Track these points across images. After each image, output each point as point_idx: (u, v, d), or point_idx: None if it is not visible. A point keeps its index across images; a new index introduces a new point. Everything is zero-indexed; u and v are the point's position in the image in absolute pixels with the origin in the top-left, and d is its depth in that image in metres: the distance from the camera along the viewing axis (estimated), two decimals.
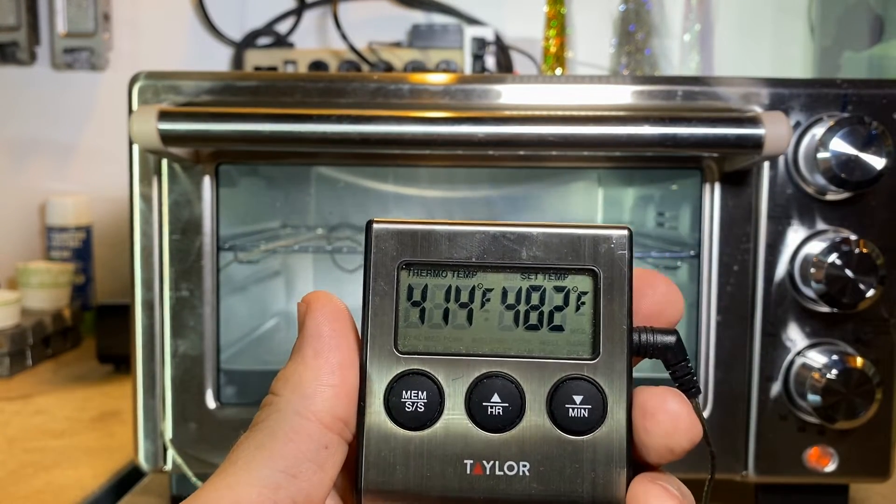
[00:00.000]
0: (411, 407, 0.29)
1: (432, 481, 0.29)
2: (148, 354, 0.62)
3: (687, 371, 0.30)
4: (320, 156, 0.64)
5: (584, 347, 0.29)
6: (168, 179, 0.61)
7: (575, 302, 0.30)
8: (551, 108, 0.60)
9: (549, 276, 0.30)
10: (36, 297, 1.10)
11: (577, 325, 0.30)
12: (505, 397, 0.29)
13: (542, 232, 0.30)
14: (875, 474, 0.61)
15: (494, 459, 0.29)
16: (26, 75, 1.28)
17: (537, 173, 0.89)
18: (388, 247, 0.30)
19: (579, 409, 0.29)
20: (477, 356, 0.29)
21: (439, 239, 0.30)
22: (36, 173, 1.29)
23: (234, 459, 0.28)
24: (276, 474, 0.27)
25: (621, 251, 0.30)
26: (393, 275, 0.30)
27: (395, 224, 0.30)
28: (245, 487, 0.27)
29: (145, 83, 0.60)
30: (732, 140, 0.55)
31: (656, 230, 0.84)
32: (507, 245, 0.30)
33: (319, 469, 0.28)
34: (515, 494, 0.29)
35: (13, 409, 0.86)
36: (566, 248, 0.30)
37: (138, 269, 0.61)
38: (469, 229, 0.30)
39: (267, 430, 0.28)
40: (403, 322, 0.30)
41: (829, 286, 0.57)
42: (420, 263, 0.30)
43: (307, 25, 1.28)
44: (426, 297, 0.30)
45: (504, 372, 0.29)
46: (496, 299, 0.30)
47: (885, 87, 0.60)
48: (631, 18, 1.20)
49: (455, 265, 0.30)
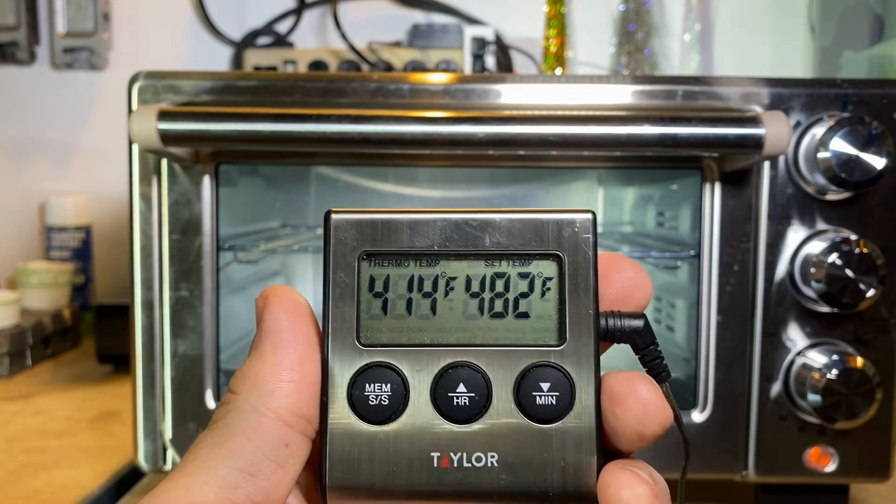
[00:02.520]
0: (375, 400, 0.28)
1: (399, 476, 0.28)
2: (147, 354, 0.62)
3: (656, 355, 0.30)
4: (320, 155, 0.64)
5: (551, 334, 0.29)
6: (168, 179, 0.61)
7: (540, 288, 0.29)
8: (551, 108, 0.60)
9: (513, 262, 0.29)
10: (35, 297, 1.10)
11: (543, 312, 0.29)
12: (471, 387, 0.28)
13: (505, 218, 0.29)
14: (875, 474, 0.61)
15: (462, 451, 0.28)
16: (26, 75, 1.27)
17: (537, 173, 0.89)
18: (347, 237, 0.29)
19: (547, 397, 0.28)
20: (442, 346, 0.29)
21: (400, 228, 0.29)
22: (35, 173, 1.29)
23: (191, 458, 0.27)
24: (233, 473, 0.27)
25: (585, 235, 0.29)
26: (353, 266, 0.29)
27: (355, 214, 0.29)
28: (202, 487, 0.26)
29: (145, 83, 0.60)
30: (732, 140, 0.55)
31: (656, 230, 0.84)
32: (470, 232, 0.29)
33: (279, 468, 0.27)
34: (484, 486, 0.28)
35: (13, 409, 0.86)
36: (530, 233, 0.29)
37: (138, 269, 0.61)
38: (430, 217, 0.29)
39: (225, 429, 0.28)
40: (365, 314, 0.29)
41: (830, 286, 0.57)
42: (381, 253, 0.29)
43: (307, 25, 1.28)
44: (388, 288, 0.29)
45: (470, 361, 0.29)
46: (460, 288, 0.29)
47: (886, 87, 0.60)
48: (631, 18, 1.20)
49: (417, 254, 0.29)
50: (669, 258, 0.74)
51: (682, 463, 0.34)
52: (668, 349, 0.76)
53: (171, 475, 0.27)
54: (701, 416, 0.61)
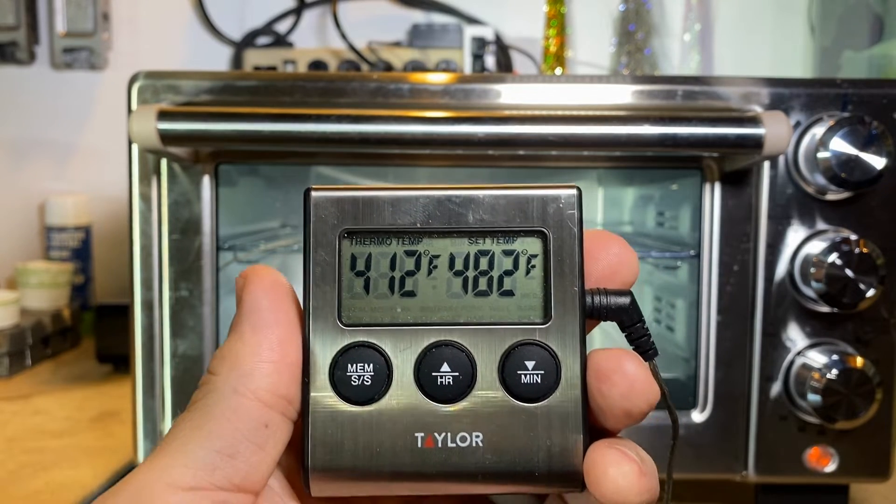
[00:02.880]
0: (358, 381, 0.28)
1: (382, 457, 0.28)
2: (147, 354, 0.62)
3: (643, 332, 0.29)
4: (320, 156, 0.64)
5: (536, 312, 0.29)
6: (167, 179, 0.61)
7: (525, 265, 0.29)
8: (551, 108, 0.60)
9: (497, 239, 0.29)
10: (35, 297, 1.10)
11: (528, 289, 0.29)
12: (455, 366, 0.28)
13: (489, 194, 0.29)
14: (875, 474, 0.61)
15: (446, 431, 0.28)
16: (25, 75, 1.27)
17: (537, 173, 0.89)
18: (327, 215, 0.28)
19: (532, 376, 0.28)
20: (425, 325, 0.28)
21: (382, 205, 0.28)
22: (35, 173, 1.29)
23: (169, 440, 0.27)
24: (211, 455, 0.26)
25: (570, 211, 0.29)
26: (334, 244, 0.28)
27: (335, 191, 0.29)
28: (180, 469, 0.26)
29: (144, 83, 0.60)
30: (732, 140, 0.55)
31: (656, 230, 0.84)
32: (453, 209, 0.29)
33: (259, 449, 0.27)
34: (469, 467, 0.28)
35: (12, 409, 0.86)
36: (514, 209, 0.29)
37: (138, 269, 0.61)
38: (413, 194, 0.29)
39: (203, 410, 0.27)
40: (347, 293, 0.28)
41: (830, 286, 0.57)
42: (362, 231, 0.29)
43: (307, 25, 1.28)
44: (370, 267, 0.29)
45: (454, 340, 0.28)
46: (443, 266, 0.29)
47: (886, 87, 0.60)
48: (631, 18, 1.20)
49: (399, 231, 0.29)
50: (669, 258, 0.74)
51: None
52: (668, 349, 0.76)
53: (149, 457, 0.27)
54: (701, 416, 0.61)
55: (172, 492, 0.26)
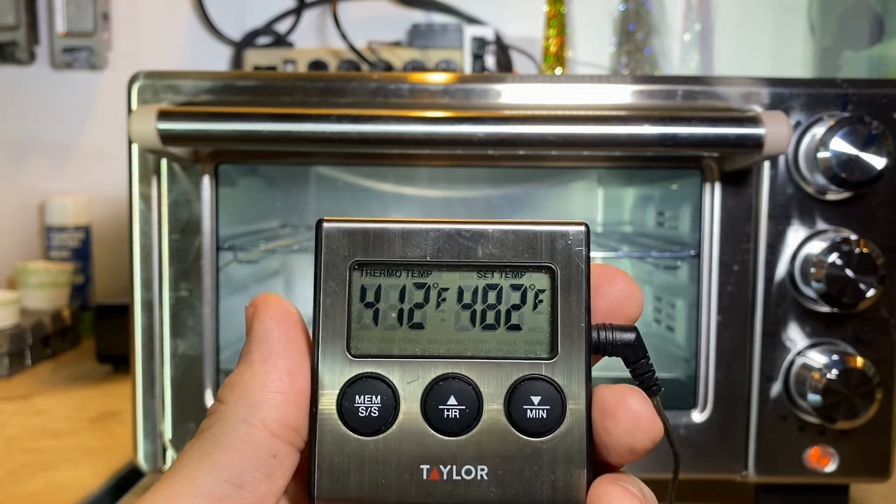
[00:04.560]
0: (365, 411, 0.28)
1: (388, 488, 0.28)
2: (147, 354, 0.62)
3: (647, 368, 0.30)
4: (319, 155, 0.64)
5: (542, 346, 0.29)
6: (167, 179, 0.61)
7: (532, 300, 0.29)
8: (551, 108, 0.60)
9: (505, 274, 0.29)
10: (35, 297, 1.10)
11: (535, 324, 0.29)
12: (462, 399, 0.28)
13: (498, 229, 0.29)
14: (875, 474, 0.61)
15: (452, 464, 0.28)
16: (25, 75, 1.27)
17: (537, 173, 0.89)
18: (339, 246, 0.29)
19: (537, 410, 0.28)
20: (433, 358, 0.29)
21: (392, 238, 0.29)
22: (35, 173, 1.29)
23: (177, 469, 0.27)
24: (220, 484, 0.26)
25: (578, 247, 0.29)
26: (344, 275, 0.29)
27: (347, 223, 0.29)
28: (188, 498, 0.26)
29: (144, 83, 0.60)
30: (732, 140, 0.55)
31: (656, 230, 0.84)
32: (463, 243, 0.29)
33: (267, 479, 0.27)
34: (474, 499, 0.28)
35: (12, 410, 0.86)
36: (523, 245, 0.29)
37: (137, 269, 0.61)
38: (423, 227, 0.29)
39: (211, 439, 0.27)
40: (356, 324, 0.29)
41: (830, 286, 0.57)
42: (373, 263, 0.29)
43: (307, 25, 1.28)
44: (379, 298, 0.29)
45: (460, 373, 0.28)
46: (452, 299, 0.29)
47: (886, 87, 0.60)
48: (631, 18, 1.20)
49: (409, 264, 0.29)
50: (669, 258, 0.74)
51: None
52: (668, 349, 0.76)
53: (156, 485, 0.27)
54: (701, 416, 0.61)
55: None
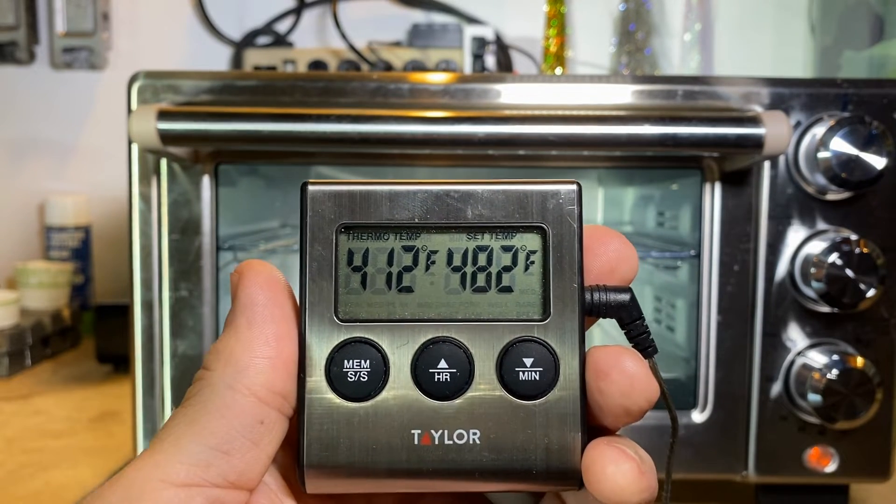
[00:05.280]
0: (354, 377, 0.27)
1: (379, 454, 0.27)
2: (147, 354, 0.62)
3: (643, 330, 0.29)
4: (319, 155, 0.64)
5: (534, 308, 0.28)
6: (167, 179, 0.61)
7: (524, 261, 0.28)
8: (551, 108, 0.59)
9: (495, 235, 0.28)
10: (35, 297, 1.10)
11: (527, 286, 0.28)
12: (453, 363, 0.28)
13: (488, 189, 0.28)
14: (875, 474, 0.61)
15: (443, 428, 0.28)
16: (25, 75, 1.27)
17: (537, 173, 0.89)
18: (324, 209, 0.28)
19: (530, 373, 0.28)
20: (422, 321, 0.28)
21: (379, 200, 0.28)
22: (35, 173, 1.29)
23: (163, 436, 0.27)
24: (206, 451, 0.26)
25: (570, 206, 0.28)
26: (331, 239, 0.28)
27: (332, 185, 0.28)
28: (173, 465, 0.26)
29: (144, 83, 0.60)
30: (733, 140, 0.55)
31: (656, 230, 0.84)
32: (452, 204, 0.28)
33: (254, 445, 0.27)
34: (466, 464, 0.28)
35: (12, 410, 0.86)
36: (513, 205, 0.28)
37: (137, 269, 0.61)
38: (411, 188, 0.28)
39: (198, 405, 0.27)
40: (344, 288, 0.28)
41: (830, 286, 0.57)
42: (360, 226, 0.28)
43: (306, 25, 1.28)
44: (367, 262, 0.28)
45: (451, 337, 0.28)
46: (441, 261, 0.28)
47: (886, 87, 0.60)
48: (631, 18, 1.20)
49: (397, 227, 0.28)
50: (669, 258, 0.74)
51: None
52: (668, 349, 0.76)
53: (142, 453, 0.27)
54: (701, 416, 0.61)
55: (165, 487, 0.26)
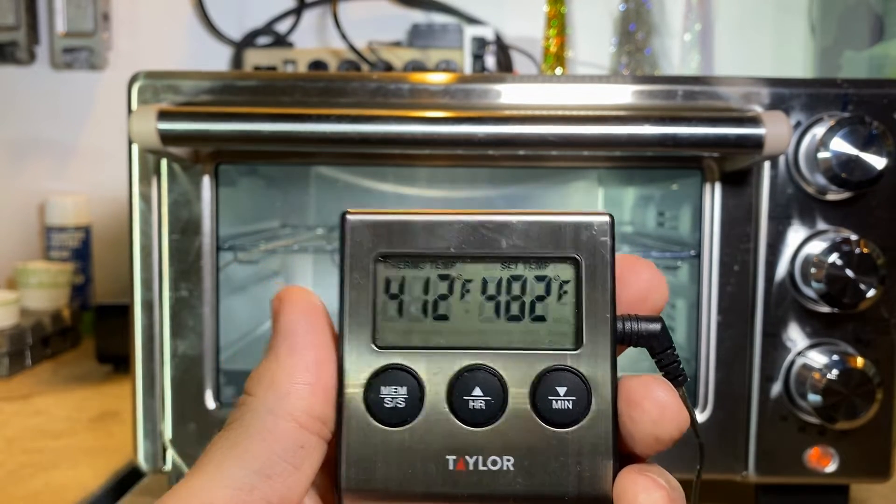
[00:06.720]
0: (391, 403, 0.28)
1: (414, 478, 0.28)
2: (147, 354, 0.62)
3: (673, 359, 0.30)
4: (319, 155, 0.64)
5: (567, 337, 0.29)
6: (167, 179, 0.61)
7: (557, 291, 0.29)
8: (551, 108, 0.59)
9: (529, 265, 0.29)
10: (35, 297, 1.10)
11: (560, 315, 0.29)
12: (487, 390, 0.28)
13: (522, 220, 0.29)
14: (875, 474, 0.61)
15: (478, 454, 0.28)
16: (25, 75, 1.27)
17: (537, 173, 0.89)
18: (363, 239, 0.29)
19: (563, 401, 0.28)
20: (457, 349, 0.29)
21: (416, 229, 0.29)
22: (35, 173, 1.29)
23: (206, 460, 0.27)
24: (249, 475, 0.27)
25: (603, 237, 0.29)
26: (369, 268, 0.29)
27: (371, 215, 0.29)
28: (218, 489, 0.26)
29: (144, 83, 0.60)
30: (733, 140, 0.55)
31: (656, 230, 0.84)
32: (487, 234, 0.29)
33: (295, 469, 0.27)
34: (500, 490, 0.28)
35: (12, 410, 0.86)
36: (547, 236, 0.29)
37: (137, 269, 0.61)
38: (447, 219, 0.29)
39: (240, 430, 0.28)
40: (381, 316, 0.29)
41: (830, 286, 0.57)
42: (397, 255, 0.29)
43: (307, 25, 1.28)
44: (404, 290, 0.29)
45: (486, 364, 0.29)
46: (476, 290, 0.29)
47: (886, 87, 0.60)
48: (631, 18, 1.20)
49: (433, 256, 0.29)
50: (670, 258, 0.74)
51: (694, 465, 0.34)
52: None
53: (185, 477, 0.27)
54: (701, 416, 0.61)
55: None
